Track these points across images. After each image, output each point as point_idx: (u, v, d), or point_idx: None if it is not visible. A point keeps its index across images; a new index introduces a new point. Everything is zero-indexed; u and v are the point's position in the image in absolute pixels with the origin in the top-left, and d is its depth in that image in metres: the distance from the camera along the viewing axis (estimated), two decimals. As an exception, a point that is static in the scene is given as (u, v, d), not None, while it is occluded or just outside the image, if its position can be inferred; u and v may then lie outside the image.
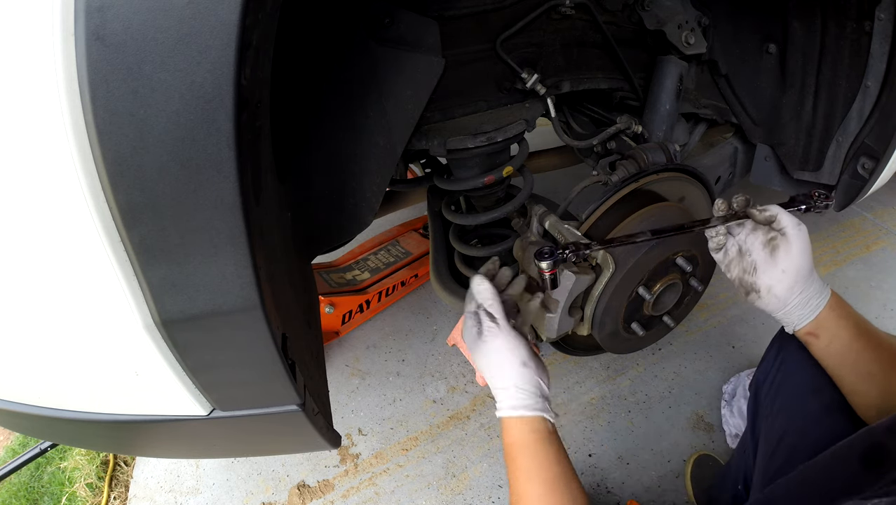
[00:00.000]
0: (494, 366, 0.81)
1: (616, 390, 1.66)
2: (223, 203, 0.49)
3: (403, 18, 0.85)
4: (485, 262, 1.26)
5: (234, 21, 0.44)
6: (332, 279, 1.89)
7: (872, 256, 2.03)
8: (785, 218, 0.80)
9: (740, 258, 0.84)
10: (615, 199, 1.03)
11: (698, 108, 1.35)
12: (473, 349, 0.84)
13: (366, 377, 1.78)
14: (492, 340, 0.81)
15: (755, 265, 0.82)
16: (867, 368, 0.77)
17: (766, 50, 1.26)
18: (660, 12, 1.14)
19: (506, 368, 0.80)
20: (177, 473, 1.60)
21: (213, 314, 0.55)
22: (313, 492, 1.51)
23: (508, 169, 1.08)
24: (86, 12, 0.42)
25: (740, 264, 0.84)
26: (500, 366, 0.80)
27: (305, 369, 0.72)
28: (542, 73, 1.02)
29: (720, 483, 1.29)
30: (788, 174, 1.36)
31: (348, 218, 0.96)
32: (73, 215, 0.49)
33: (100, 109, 0.44)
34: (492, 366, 0.82)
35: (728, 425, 1.51)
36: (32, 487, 1.67)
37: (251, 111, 0.51)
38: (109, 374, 0.64)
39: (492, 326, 0.81)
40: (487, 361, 0.82)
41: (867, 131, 1.17)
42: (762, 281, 0.81)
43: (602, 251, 0.96)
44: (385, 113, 0.89)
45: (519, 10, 0.96)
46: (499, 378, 0.81)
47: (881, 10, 1.03)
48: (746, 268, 0.83)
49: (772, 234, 0.81)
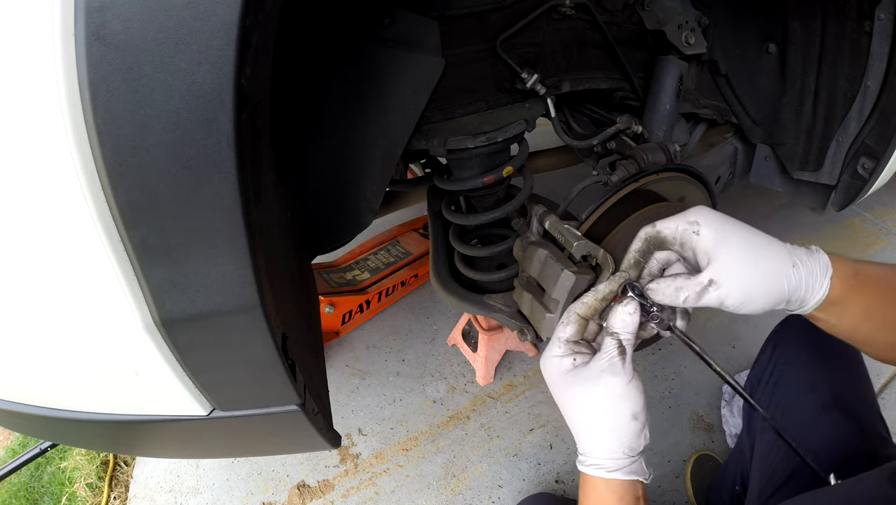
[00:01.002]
0: (596, 411, 0.64)
1: (616, 390, 1.66)
2: (223, 203, 0.49)
3: (403, 18, 0.85)
4: (485, 262, 1.26)
5: (234, 21, 0.44)
6: (332, 279, 1.89)
7: (872, 256, 2.03)
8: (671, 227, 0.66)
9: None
10: (615, 199, 1.03)
11: (698, 108, 1.34)
12: (562, 382, 0.66)
13: (366, 377, 1.78)
14: (609, 380, 0.63)
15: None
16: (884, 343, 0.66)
17: (766, 50, 1.26)
18: (660, 12, 1.14)
19: (610, 417, 0.63)
20: (177, 473, 1.60)
21: (213, 314, 0.55)
22: (313, 492, 1.51)
23: (508, 169, 1.08)
24: (86, 12, 0.42)
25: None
26: (604, 413, 0.64)
27: (305, 369, 0.72)
28: (542, 73, 1.02)
29: (719, 483, 1.29)
30: (788, 174, 1.36)
31: (348, 218, 0.96)
32: (72, 215, 0.49)
33: (100, 109, 0.44)
34: (592, 410, 0.64)
35: (728, 425, 1.52)
36: (32, 487, 1.67)
37: (251, 111, 0.51)
38: (109, 374, 0.64)
39: (618, 361, 0.64)
40: (588, 402, 0.64)
41: (867, 131, 1.17)
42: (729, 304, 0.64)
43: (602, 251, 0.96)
44: (385, 113, 0.89)
45: (519, 11, 0.96)
46: (596, 427, 0.64)
47: (881, 10, 1.03)
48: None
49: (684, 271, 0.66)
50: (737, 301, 0.61)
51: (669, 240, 0.67)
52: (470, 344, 1.72)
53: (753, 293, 0.60)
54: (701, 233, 0.63)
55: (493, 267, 1.24)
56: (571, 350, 0.68)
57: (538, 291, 1.00)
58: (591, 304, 0.70)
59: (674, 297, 0.64)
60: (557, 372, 0.67)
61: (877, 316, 0.64)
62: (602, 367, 0.64)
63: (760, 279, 0.60)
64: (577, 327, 0.69)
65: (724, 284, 0.60)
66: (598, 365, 0.65)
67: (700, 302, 0.62)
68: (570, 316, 0.70)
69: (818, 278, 0.61)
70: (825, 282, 0.61)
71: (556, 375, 0.67)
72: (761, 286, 0.60)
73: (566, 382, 0.66)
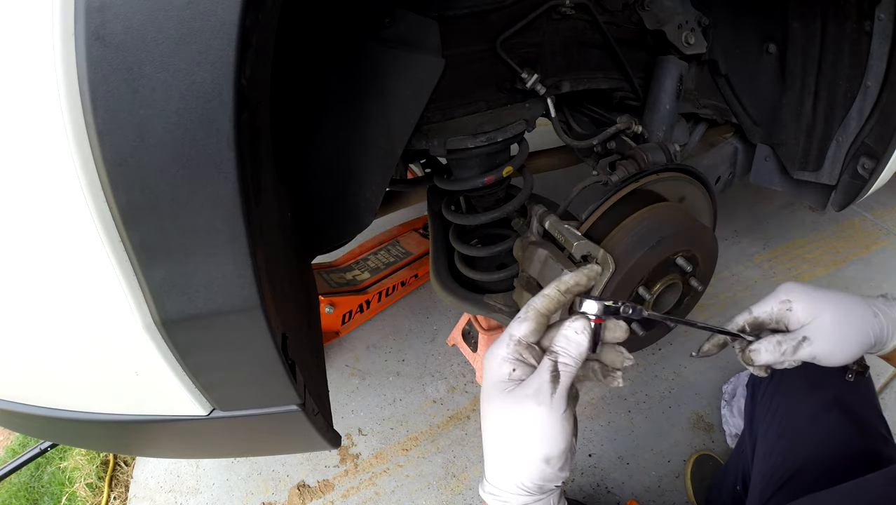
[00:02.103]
0: (507, 440, 0.55)
1: (616, 390, 1.66)
2: (223, 203, 0.49)
3: (403, 18, 0.85)
4: (486, 262, 1.26)
5: (234, 21, 0.44)
6: (332, 279, 1.89)
7: (872, 256, 2.03)
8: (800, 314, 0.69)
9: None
10: (615, 199, 1.03)
11: (698, 108, 1.34)
12: (492, 395, 0.57)
13: (366, 377, 1.79)
14: (530, 408, 0.53)
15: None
16: None
17: (766, 50, 1.26)
18: (660, 12, 1.14)
19: (520, 453, 0.54)
20: (177, 473, 1.60)
21: (213, 314, 0.55)
22: (313, 492, 1.51)
23: (508, 169, 1.08)
24: (86, 12, 0.42)
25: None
26: (514, 445, 0.55)
27: (305, 369, 0.72)
28: (542, 73, 1.02)
29: (720, 483, 1.29)
30: (788, 174, 1.36)
31: (348, 218, 0.96)
32: (72, 215, 0.49)
33: (100, 109, 0.44)
34: (504, 436, 0.55)
35: (728, 425, 1.52)
36: (32, 487, 1.67)
37: (251, 111, 0.51)
38: (109, 374, 0.64)
39: (546, 390, 0.54)
40: (502, 426, 0.56)
41: (867, 131, 1.17)
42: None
43: (602, 251, 0.96)
44: (385, 113, 0.89)
45: (519, 11, 0.96)
46: (503, 456, 0.56)
47: (881, 10, 1.03)
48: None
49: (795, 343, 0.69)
50: (828, 351, 0.68)
51: (767, 321, 0.72)
52: (470, 344, 1.72)
53: (842, 342, 0.68)
54: (793, 308, 0.70)
55: (493, 267, 1.24)
56: (518, 355, 0.58)
57: (538, 291, 1.00)
58: (553, 296, 0.60)
59: (773, 350, 0.69)
60: (491, 378, 0.58)
61: None
62: (528, 391, 0.54)
63: (847, 332, 0.68)
64: (534, 326, 0.59)
65: (816, 340, 0.68)
66: (526, 388, 0.55)
67: (795, 355, 0.68)
68: (527, 311, 0.60)
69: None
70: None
71: (488, 382, 0.58)
72: (848, 337, 0.68)
73: (493, 393, 0.57)
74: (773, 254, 2.08)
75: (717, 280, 1.95)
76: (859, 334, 0.68)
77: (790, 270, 2.00)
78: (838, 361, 0.69)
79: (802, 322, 0.69)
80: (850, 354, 0.68)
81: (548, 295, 0.60)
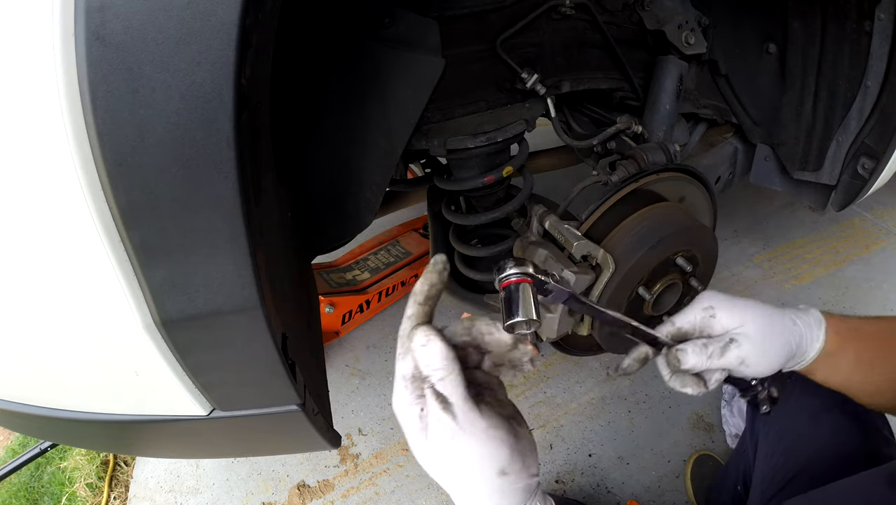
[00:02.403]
0: (455, 477, 0.52)
1: (616, 390, 1.66)
2: (223, 203, 0.49)
3: (404, 18, 0.85)
4: (486, 262, 1.26)
5: (233, 21, 0.44)
6: (332, 279, 1.89)
7: (872, 256, 2.03)
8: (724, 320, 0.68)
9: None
10: (615, 199, 1.03)
11: (698, 108, 1.34)
12: (417, 444, 0.52)
13: (366, 377, 1.79)
14: (447, 443, 0.49)
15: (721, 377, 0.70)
16: (874, 388, 0.72)
17: (766, 50, 1.26)
18: (660, 12, 1.14)
19: (475, 480, 0.51)
20: (177, 473, 1.60)
21: (213, 314, 0.55)
22: (313, 492, 1.51)
23: (508, 169, 1.08)
24: (86, 12, 0.42)
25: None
26: (464, 478, 0.51)
27: (305, 369, 0.72)
28: (542, 73, 1.02)
29: (720, 483, 1.29)
30: (788, 174, 1.36)
31: (348, 218, 0.96)
32: (73, 216, 0.49)
33: (100, 109, 0.44)
34: (450, 476, 0.52)
35: (728, 425, 1.52)
36: (32, 487, 1.67)
37: (251, 111, 0.51)
38: (109, 374, 0.64)
39: (445, 420, 0.49)
40: (442, 467, 0.52)
41: (867, 131, 1.17)
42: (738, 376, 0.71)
43: (602, 251, 0.96)
44: (385, 113, 0.89)
45: (519, 11, 0.96)
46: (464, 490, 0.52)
47: (881, 10, 1.03)
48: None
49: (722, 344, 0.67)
50: (755, 355, 0.66)
51: (690, 330, 0.70)
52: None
53: (767, 349, 0.66)
54: (717, 315, 0.68)
55: (493, 267, 1.24)
56: (418, 391, 0.52)
57: (538, 291, 1.00)
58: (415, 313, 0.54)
59: (700, 352, 0.66)
60: (407, 428, 0.53)
61: (866, 361, 0.70)
62: (435, 430, 0.50)
63: (772, 338, 0.67)
64: (414, 371, 0.52)
65: (744, 343, 0.66)
66: (432, 427, 0.50)
67: (722, 358, 0.66)
68: (402, 344, 0.53)
69: (814, 330, 0.68)
70: (821, 334, 0.68)
71: (407, 432, 0.53)
72: (773, 343, 0.67)
73: (419, 444, 0.52)
74: (773, 254, 2.08)
75: (717, 280, 1.95)
76: (783, 341, 0.67)
77: (790, 269, 2.00)
78: (765, 367, 0.67)
79: (727, 328, 0.68)
80: (776, 361, 0.67)
81: (410, 315, 0.54)
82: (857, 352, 0.70)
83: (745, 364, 0.66)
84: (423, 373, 0.51)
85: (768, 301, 0.70)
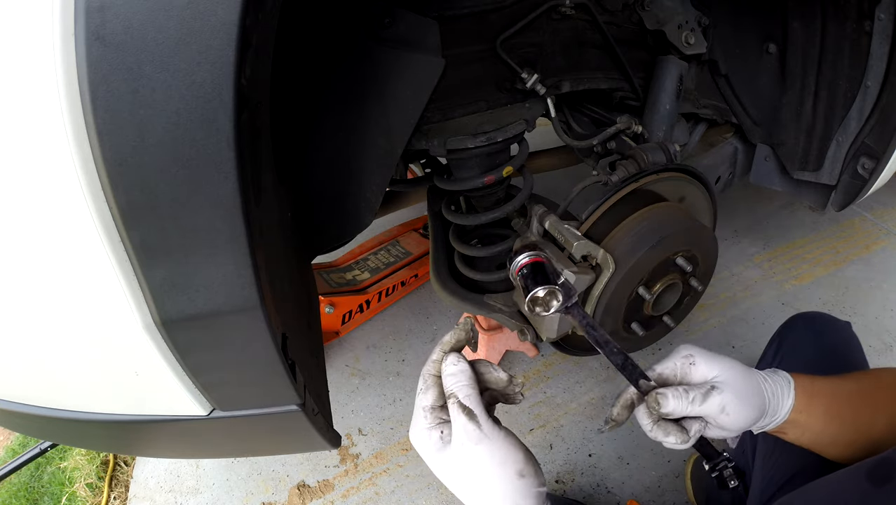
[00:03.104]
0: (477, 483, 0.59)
1: (616, 390, 1.66)
2: (223, 203, 0.49)
3: (404, 18, 0.85)
4: (486, 262, 1.26)
5: (233, 21, 0.44)
6: (332, 279, 1.89)
7: (872, 256, 2.03)
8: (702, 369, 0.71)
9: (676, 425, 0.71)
10: (615, 199, 1.03)
11: (698, 108, 1.35)
12: (438, 460, 0.61)
13: (366, 377, 1.79)
14: (472, 449, 0.58)
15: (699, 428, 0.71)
16: (846, 440, 0.74)
17: (766, 50, 1.26)
18: (660, 12, 1.14)
19: (495, 484, 0.58)
20: (177, 473, 1.60)
21: (213, 314, 0.55)
22: (313, 492, 1.51)
23: (508, 169, 1.08)
24: (86, 12, 0.42)
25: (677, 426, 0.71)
26: (485, 483, 0.58)
27: (305, 369, 0.72)
28: (543, 73, 1.02)
29: (720, 483, 1.29)
30: (788, 174, 1.36)
31: (348, 218, 0.96)
32: (72, 215, 0.49)
33: (100, 109, 0.44)
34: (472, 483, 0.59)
35: (728, 425, 1.51)
36: (32, 487, 1.67)
37: (251, 111, 0.51)
38: (109, 374, 0.64)
39: (471, 428, 0.58)
40: (464, 476, 0.59)
41: (867, 131, 1.17)
42: (713, 435, 0.72)
43: (602, 251, 0.96)
44: (385, 113, 0.89)
45: (519, 11, 0.96)
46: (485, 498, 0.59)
47: (881, 10, 1.03)
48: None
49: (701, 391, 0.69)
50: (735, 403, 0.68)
51: (671, 377, 0.73)
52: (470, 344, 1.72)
53: (745, 399, 0.69)
54: (696, 362, 0.72)
55: (493, 267, 1.24)
56: (439, 419, 0.62)
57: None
58: (439, 360, 0.65)
59: (682, 396, 0.68)
60: (428, 450, 0.61)
61: (836, 416, 0.73)
62: (460, 438, 0.58)
63: (748, 388, 0.70)
64: (437, 390, 0.63)
65: (725, 390, 0.68)
66: (457, 437, 0.59)
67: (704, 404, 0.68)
68: (425, 380, 0.64)
69: (784, 387, 0.72)
70: (791, 391, 0.72)
71: (428, 454, 0.62)
72: (749, 393, 0.69)
73: (441, 460, 0.60)
74: (773, 254, 2.08)
75: (717, 280, 1.95)
76: (758, 392, 0.70)
77: (790, 269, 2.00)
78: (743, 417, 0.68)
79: (706, 376, 0.71)
80: (752, 413, 0.69)
81: (435, 360, 0.65)
82: (826, 408, 0.73)
83: (725, 412, 0.68)
84: (451, 391, 0.60)
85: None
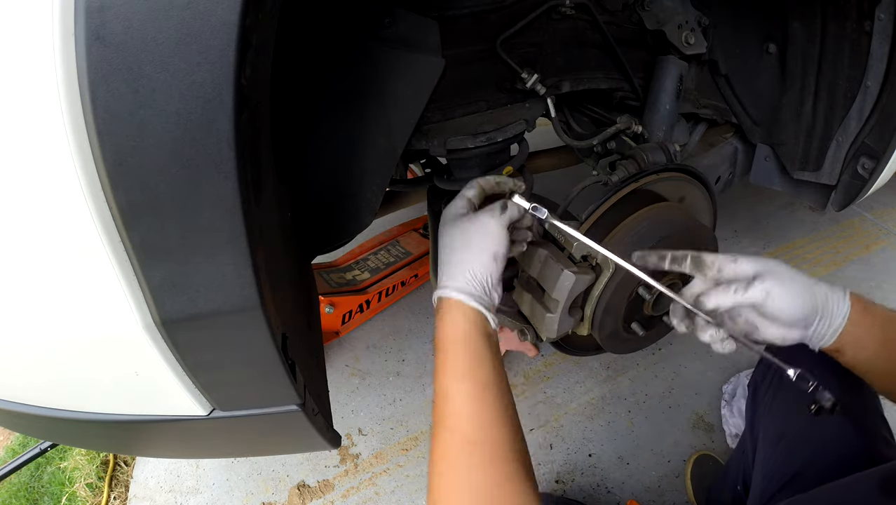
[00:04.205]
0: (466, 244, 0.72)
1: (616, 390, 1.66)
2: (223, 203, 0.49)
3: (404, 18, 0.85)
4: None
5: (234, 21, 0.44)
6: (332, 279, 1.89)
7: (872, 256, 2.03)
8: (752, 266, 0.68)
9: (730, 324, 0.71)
10: (615, 199, 1.03)
11: (698, 108, 1.34)
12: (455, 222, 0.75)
13: (366, 377, 1.79)
14: (483, 219, 0.73)
15: (751, 326, 0.70)
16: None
17: (766, 50, 1.26)
18: (660, 12, 1.14)
19: (476, 250, 0.72)
20: (177, 473, 1.60)
21: (213, 314, 0.55)
22: (313, 492, 1.51)
23: (508, 169, 1.08)
24: (86, 12, 0.42)
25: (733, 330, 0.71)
26: (472, 246, 0.72)
27: (305, 369, 0.72)
28: (542, 73, 1.02)
29: (720, 483, 1.29)
30: (788, 174, 1.36)
31: (348, 218, 0.96)
32: (72, 215, 0.49)
33: (100, 109, 0.44)
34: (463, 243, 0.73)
35: (728, 425, 1.52)
36: (32, 487, 1.67)
37: (251, 111, 0.51)
38: (109, 374, 0.64)
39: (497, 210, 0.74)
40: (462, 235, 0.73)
41: (867, 131, 1.16)
42: (769, 335, 0.70)
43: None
44: (385, 113, 0.89)
45: (519, 11, 0.96)
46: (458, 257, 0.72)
47: (881, 10, 1.03)
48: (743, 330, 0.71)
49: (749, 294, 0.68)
50: (777, 288, 0.66)
51: (707, 264, 0.71)
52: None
53: (791, 289, 0.66)
54: (738, 260, 0.70)
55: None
56: (471, 205, 0.78)
57: (538, 291, 1.00)
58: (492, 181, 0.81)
59: (725, 289, 0.67)
60: (451, 215, 0.77)
61: (893, 339, 0.69)
62: (483, 212, 0.75)
63: (794, 280, 0.67)
64: (478, 192, 0.80)
65: (767, 278, 0.66)
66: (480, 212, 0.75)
67: (748, 292, 0.66)
68: (473, 183, 0.81)
69: (838, 292, 0.69)
70: (846, 298, 0.68)
71: (449, 217, 0.77)
72: (796, 285, 0.66)
73: (454, 222, 0.75)
74: (773, 254, 2.08)
75: (717, 280, 1.95)
76: (806, 290, 0.67)
77: (790, 270, 2.00)
78: (790, 307, 0.66)
79: (746, 271, 0.69)
80: (801, 306, 0.66)
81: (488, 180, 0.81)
82: (882, 327, 0.69)
83: (770, 297, 0.65)
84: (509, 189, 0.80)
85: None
